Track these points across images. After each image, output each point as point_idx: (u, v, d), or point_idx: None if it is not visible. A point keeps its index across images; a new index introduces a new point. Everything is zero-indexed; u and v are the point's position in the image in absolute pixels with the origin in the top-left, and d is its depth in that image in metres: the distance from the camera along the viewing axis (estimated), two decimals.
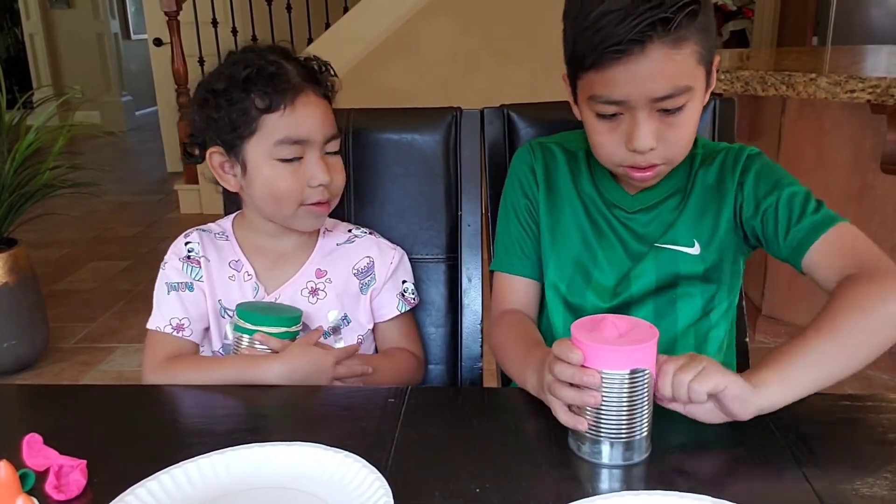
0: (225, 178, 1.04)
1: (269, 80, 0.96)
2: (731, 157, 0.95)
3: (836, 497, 0.65)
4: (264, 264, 1.07)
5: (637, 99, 0.83)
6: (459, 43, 3.68)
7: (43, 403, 0.89)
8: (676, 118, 0.84)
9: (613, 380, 0.69)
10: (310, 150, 0.99)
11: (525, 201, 1.02)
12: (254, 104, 0.96)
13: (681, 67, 0.81)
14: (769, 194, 0.90)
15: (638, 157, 0.86)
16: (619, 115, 0.85)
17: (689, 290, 0.95)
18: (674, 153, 0.88)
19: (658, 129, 0.84)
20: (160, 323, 1.03)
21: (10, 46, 7.38)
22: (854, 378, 0.75)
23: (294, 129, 0.97)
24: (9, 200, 2.42)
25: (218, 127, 0.99)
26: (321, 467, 0.70)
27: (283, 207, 1.00)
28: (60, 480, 0.69)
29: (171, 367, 1.00)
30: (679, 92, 0.82)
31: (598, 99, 0.85)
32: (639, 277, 0.95)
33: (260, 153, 0.98)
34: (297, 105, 0.97)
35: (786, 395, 0.73)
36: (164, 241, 3.81)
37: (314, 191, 0.99)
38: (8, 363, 2.44)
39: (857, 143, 2.21)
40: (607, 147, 0.88)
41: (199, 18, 4.11)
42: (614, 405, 0.70)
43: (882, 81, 1.89)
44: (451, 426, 0.80)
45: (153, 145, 5.94)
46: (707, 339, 0.97)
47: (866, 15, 4.16)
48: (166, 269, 1.06)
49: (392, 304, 1.10)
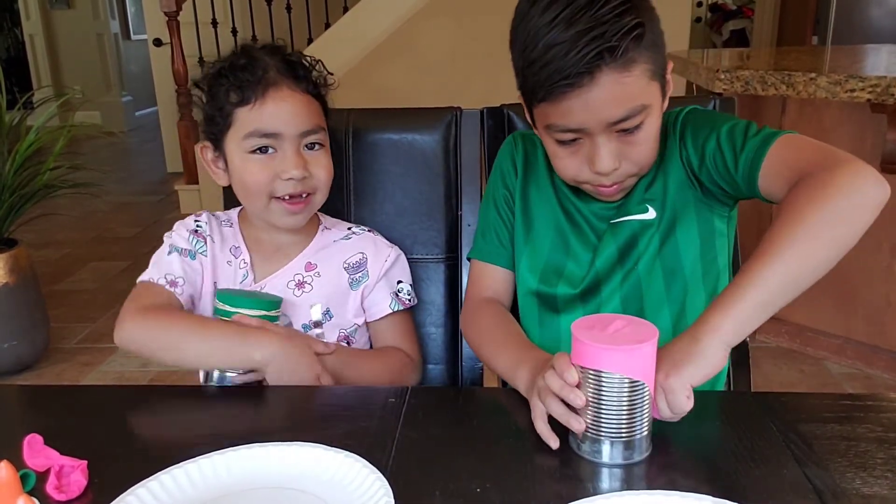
0: (216, 173, 1.06)
1: (240, 74, 0.98)
2: (671, 121, 0.95)
3: (837, 496, 0.65)
4: (261, 255, 1.08)
5: (593, 126, 0.83)
6: (459, 43, 3.68)
7: (44, 404, 0.89)
8: (636, 136, 0.85)
9: (613, 380, 0.69)
10: (283, 143, 0.99)
11: (504, 192, 1.04)
12: (227, 98, 0.99)
13: (632, 89, 0.81)
14: (708, 138, 0.89)
15: (602, 178, 0.88)
16: (578, 140, 0.86)
17: (650, 248, 0.94)
18: (638, 168, 0.89)
19: (619, 149, 0.86)
20: (154, 275, 1.02)
21: (10, 47, 7.38)
22: (854, 378, 0.75)
23: (263, 122, 0.98)
24: (9, 201, 2.42)
25: (205, 122, 1.03)
26: (321, 467, 0.70)
27: (254, 200, 1.02)
28: (61, 481, 0.69)
29: (156, 313, 0.97)
30: (635, 112, 0.83)
31: (554, 128, 0.86)
32: (601, 253, 0.96)
33: (234, 146, 1.01)
34: (268, 99, 0.98)
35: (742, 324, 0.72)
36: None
37: (285, 184, 1.00)
38: (8, 364, 2.44)
39: (857, 143, 2.21)
40: (570, 170, 0.90)
41: (199, 19, 4.12)
42: (614, 405, 0.70)
43: (882, 81, 1.89)
44: (452, 426, 0.80)
45: (153, 145, 5.95)
46: (685, 309, 0.96)
47: (866, 14, 4.16)
48: (172, 236, 1.07)
49: (384, 303, 1.09)
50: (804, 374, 2.31)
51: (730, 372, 1.12)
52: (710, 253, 0.96)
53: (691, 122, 0.93)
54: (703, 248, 0.95)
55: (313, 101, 1.03)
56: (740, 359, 1.12)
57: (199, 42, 4.05)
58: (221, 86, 0.99)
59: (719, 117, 0.93)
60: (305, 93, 1.02)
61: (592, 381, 0.70)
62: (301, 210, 1.03)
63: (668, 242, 0.94)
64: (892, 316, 2.24)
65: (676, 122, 0.95)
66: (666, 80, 0.88)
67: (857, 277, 2.27)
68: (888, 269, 2.21)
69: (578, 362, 0.71)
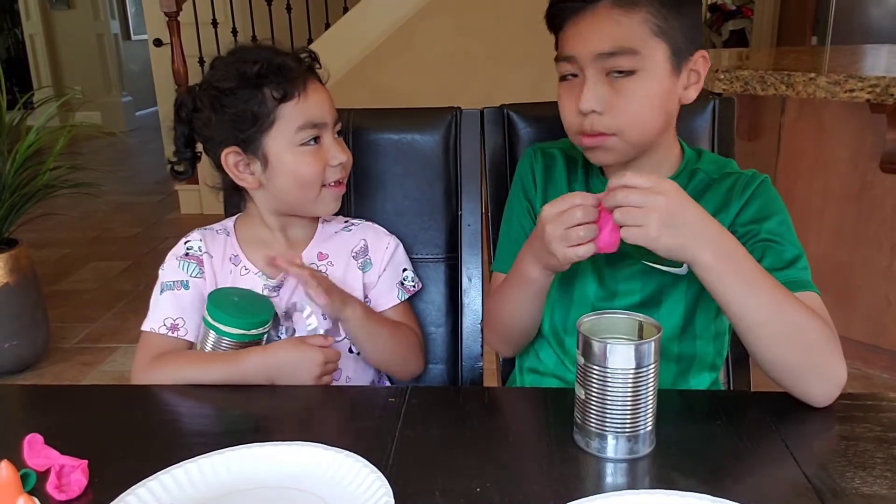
0: (242, 177, 1.04)
1: (279, 72, 1.00)
2: (741, 180, 0.93)
3: (836, 496, 0.65)
4: (267, 256, 1.07)
5: (583, 55, 0.86)
6: (459, 43, 3.68)
7: (44, 404, 0.89)
8: (624, 83, 0.86)
9: (618, 374, 0.70)
10: (325, 132, 1.03)
11: (526, 204, 1.04)
12: (270, 96, 0.99)
13: (628, 30, 0.85)
14: (764, 225, 0.88)
15: (585, 122, 0.88)
16: (574, 78, 0.89)
17: (674, 298, 0.94)
18: (623, 124, 0.88)
19: (606, 93, 0.87)
20: (154, 324, 1.04)
21: (10, 47, 7.38)
22: (854, 378, 0.76)
23: (311, 113, 1.01)
24: (9, 201, 2.42)
25: (234, 125, 1.00)
26: (321, 467, 0.70)
27: (309, 191, 1.03)
28: (61, 480, 0.69)
29: (157, 365, 1.00)
30: (623, 52, 0.85)
31: (557, 60, 0.90)
32: (624, 295, 0.95)
33: (281, 143, 1.01)
34: (309, 91, 1.01)
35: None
36: (164, 241, 3.81)
37: (334, 170, 1.04)
38: (9, 363, 2.44)
39: (856, 143, 2.21)
40: (566, 112, 0.91)
41: (199, 19, 4.11)
42: (619, 399, 0.70)
43: (881, 81, 1.89)
44: (451, 426, 0.80)
45: (153, 146, 5.95)
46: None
47: (865, 14, 4.16)
48: (164, 268, 1.07)
49: (392, 294, 1.11)
50: None
51: (730, 372, 1.13)
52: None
53: (763, 196, 0.91)
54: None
55: (328, 91, 1.07)
56: (740, 358, 1.12)
57: (200, 42, 4.05)
58: (258, 86, 0.99)
59: (782, 210, 0.91)
60: (322, 83, 1.06)
61: (597, 375, 0.71)
62: (342, 191, 1.07)
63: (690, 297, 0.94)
64: (892, 316, 2.24)
65: (748, 185, 0.92)
66: (683, 62, 0.88)
67: (857, 277, 2.27)
68: (888, 269, 2.21)
69: (584, 357, 0.71)
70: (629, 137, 0.89)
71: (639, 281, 0.95)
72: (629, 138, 0.89)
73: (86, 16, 6.84)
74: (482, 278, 1.17)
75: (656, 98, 0.88)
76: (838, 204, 2.28)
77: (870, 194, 2.21)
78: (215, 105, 1.01)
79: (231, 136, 1.01)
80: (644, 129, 0.89)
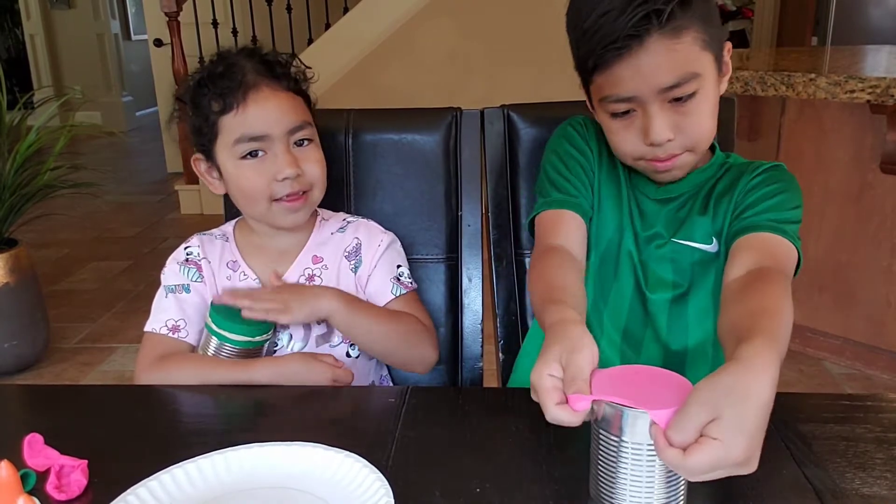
0: (211, 183, 1.06)
1: (219, 81, 0.98)
2: (752, 165, 0.95)
3: (836, 496, 0.65)
4: (265, 262, 1.07)
5: (645, 93, 0.84)
6: (459, 43, 3.68)
7: (44, 404, 0.89)
8: (689, 106, 0.85)
9: (635, 448, 0.61)
10: (272, 144, 0.99)
11: (581, 157, 0.99)
12: (210, 108, 0.99)
13: (683, 56, 0.82)
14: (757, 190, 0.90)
15: (657, 150, 0.87)
16: (631, 112, 0.87)
17: (704, 279, 0.95)
18: (693, 141, 0.88)
19: (672, 120, 0.85)
20: (156, 325, 1.04)
21: (10, 47, 7.38)
22: (853, 378, 0.75)
23: (248, 126, 0.98)
24: (9, 201, 2.42)
25: (193, 134, 1.02)
26: (321, 467, 0.70)
27: (255, 205, 1.02)
28: (61, 480, 0.69)
29: (162, 365, 1.00)
30: (686, 79, 0.83)
31: (608, 99, 0.86)
32: (655, 272, 0.96)
33: (225, 155, 1.00)
34: (250, 102, 0.98)
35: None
36: (164, 241, 3.82)
37: (282, 185, 0.99)
38: (8, 363, 2.44)
39: (856, 143, 2.21)
40: (626, 145, 0.89)
41: (200, 19, 4.12)
42: (640, 476, 0.62)
43: (882, 81, 1.89)
44: (451, 426, 0.80)
45: (154, 146, 5.94)
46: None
47: (866, 15, 4.16)
48: (165, 273, 1.07)
49: (386, 289, 1.08)
50: (803, 375, 2.31)
51: None
52: None
53: (773, 172, 0.92)
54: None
55: (295, 98, 1.03)
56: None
57: (200, 42, 4.05)
58: (203, 96, 0.99)
59: (792, 190, 0.91)
60: (286, 90, 1.02)
61: (613, 447, 0.62)
62: (301, 206, 1.03)
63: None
64: (891, 316, 2.24)
65: (756, 168, 0.93)
66: (723, 58, 0.88)
67: (857, 277, 2.27)
68: (888, 269, 2.21)
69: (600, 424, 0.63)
70: (700, 149, 0.90)
71: (670, 263, 0.95)
72: (699, 149, 0.90)
73: (86, 16, 6.84)
74: (482, 278, 1.17)
75: (714, 105, 0.88)
76: (838, 204, 2.28)
77: (870, 195, 2.21)
78: (182, 113, 1.04)
79: (196, 142, 1.03)
80: (710, 136, 0.90)
